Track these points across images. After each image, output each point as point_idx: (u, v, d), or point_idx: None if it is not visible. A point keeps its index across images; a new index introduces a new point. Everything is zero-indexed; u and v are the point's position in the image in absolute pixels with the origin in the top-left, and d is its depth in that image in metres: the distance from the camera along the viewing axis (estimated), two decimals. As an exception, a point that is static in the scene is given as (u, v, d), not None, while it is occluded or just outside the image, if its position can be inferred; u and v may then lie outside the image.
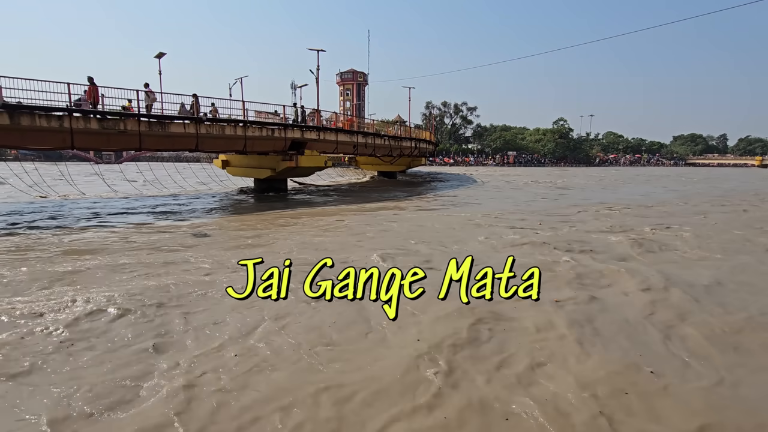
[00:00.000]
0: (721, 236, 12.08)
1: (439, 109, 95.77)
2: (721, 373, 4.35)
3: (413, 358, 4.48)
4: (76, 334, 5.17)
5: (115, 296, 6.42)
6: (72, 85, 16.57)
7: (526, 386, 4.00)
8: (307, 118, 28.24)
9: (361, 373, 4.18)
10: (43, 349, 4.77)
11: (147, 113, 18.63)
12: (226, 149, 23.79)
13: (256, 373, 4.21)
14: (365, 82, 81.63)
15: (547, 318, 5.59)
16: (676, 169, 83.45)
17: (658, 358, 4.62)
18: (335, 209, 18.48)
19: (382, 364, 4.36)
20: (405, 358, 4.48)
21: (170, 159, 54.43)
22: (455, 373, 4.19)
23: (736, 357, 4.76)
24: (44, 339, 5.02)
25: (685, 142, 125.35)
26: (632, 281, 7.39)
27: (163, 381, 4.09)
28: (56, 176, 28.20)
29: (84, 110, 16.95)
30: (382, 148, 33.48)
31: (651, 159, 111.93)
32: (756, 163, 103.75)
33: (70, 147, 17.52)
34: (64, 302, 6.19)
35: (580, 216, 16.23)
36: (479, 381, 4.08)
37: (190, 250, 9.98)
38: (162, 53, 24.06)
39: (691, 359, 4.64)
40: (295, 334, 5.10)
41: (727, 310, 6.14)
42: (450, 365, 4.33)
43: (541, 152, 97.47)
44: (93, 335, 5.16)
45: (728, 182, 41.57)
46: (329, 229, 13.02)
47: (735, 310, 6.14)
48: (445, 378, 4.09)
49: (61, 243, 10.81)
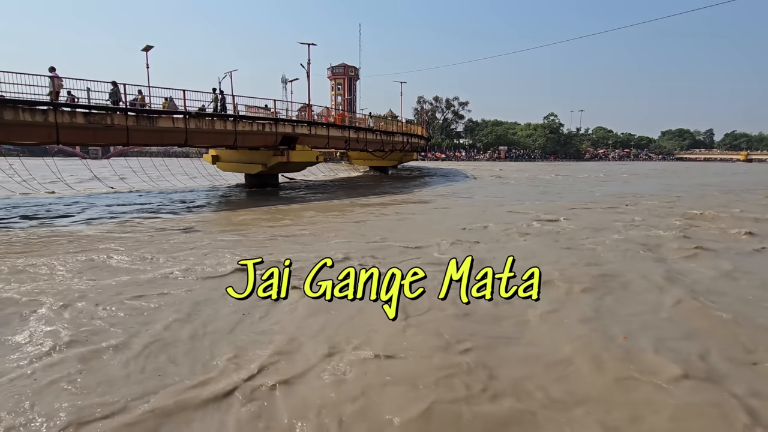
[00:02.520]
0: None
1: (430, 104, 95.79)
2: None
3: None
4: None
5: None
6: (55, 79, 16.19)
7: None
8: (298, 114, 27.97)
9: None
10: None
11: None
12: (216, 144, 23.45)
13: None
14: (357, 77, 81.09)
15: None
16: (662, 165, 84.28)
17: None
18: (328, 205, 18.37)
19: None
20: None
21: (158, 154, 53.70)
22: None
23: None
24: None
25: (673, 137, 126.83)
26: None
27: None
28: (41, 172, 27.60)
29: (70, 104, 16.58)
30: (373, 143, 33.33)
31: (640, 154, 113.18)
32: (741, 157, 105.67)
33: (56, 142, 17.12)
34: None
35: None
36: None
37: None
38: (149, 46, 23.56)
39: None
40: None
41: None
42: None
43: (532, 147, 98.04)
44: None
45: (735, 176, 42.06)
46: (326, 224, 12.94)
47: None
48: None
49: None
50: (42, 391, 3.85)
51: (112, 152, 64.44)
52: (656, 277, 7.40)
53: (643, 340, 4.85)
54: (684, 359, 4.42)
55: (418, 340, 4.69)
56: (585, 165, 74.53)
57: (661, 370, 4.16)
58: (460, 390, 3.80)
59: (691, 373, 4.13)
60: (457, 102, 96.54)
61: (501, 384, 3.90)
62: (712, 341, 4.94)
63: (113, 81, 18.13)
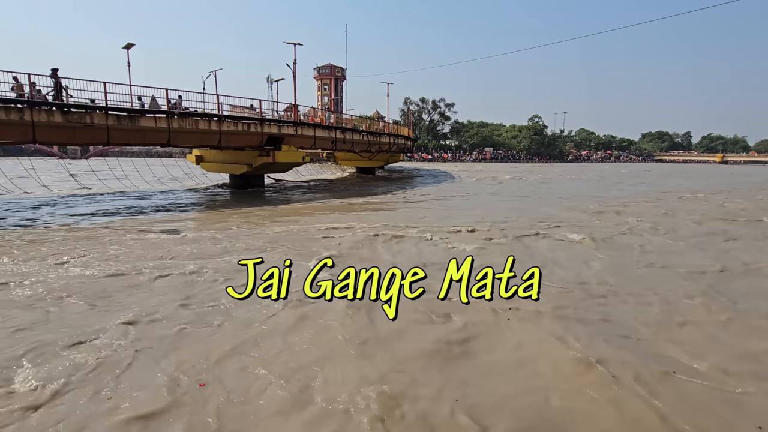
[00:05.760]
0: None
1: (417, 105, 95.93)
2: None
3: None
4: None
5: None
6: (33, 76, 15.67)
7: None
8: (284, 114, 27.61)
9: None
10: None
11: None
12: (200, 144, 23.01)
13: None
14: (343, 77, 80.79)
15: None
16: (641, 167, 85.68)
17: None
18: (313, 206, 18.15)
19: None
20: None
21: (141, 154, 52.66)
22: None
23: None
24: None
25: (652, 140, 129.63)
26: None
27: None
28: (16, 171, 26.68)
29: (47, 102, 16.03)
30: (360, 143, 33.19)
31: (621, 156, 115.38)
32: (717, 159, 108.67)
33: (32, 141, 16.53)
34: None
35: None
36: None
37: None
38: (131, 44, 23.03)
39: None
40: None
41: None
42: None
43: (517, 148, 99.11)
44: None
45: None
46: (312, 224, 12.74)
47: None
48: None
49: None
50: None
51: (91, 152, 62.82)
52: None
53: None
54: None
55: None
56: (568, 167, 75.56)
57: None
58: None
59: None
60: (443, 103, 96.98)
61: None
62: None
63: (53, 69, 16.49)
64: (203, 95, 22.07)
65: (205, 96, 22.64)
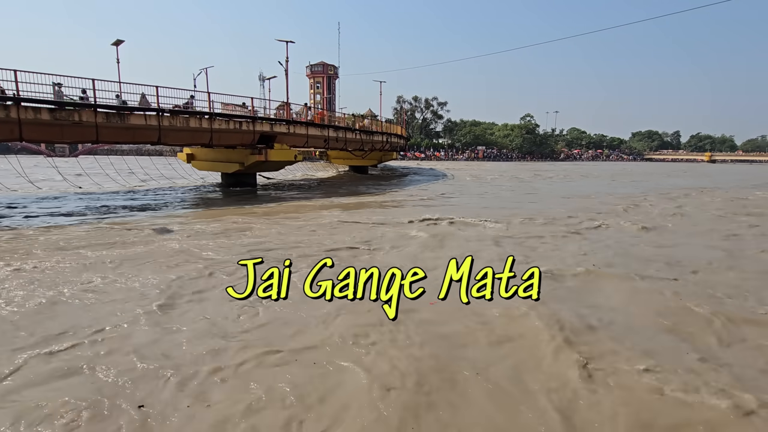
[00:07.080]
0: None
1: (410, 104, 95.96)
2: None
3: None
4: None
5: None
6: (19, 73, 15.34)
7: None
8: (277, 112, 27.38)
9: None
10: None
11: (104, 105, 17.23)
12: (191, 142, 22.74)
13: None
14: (336, 75, 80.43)
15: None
16: (630, 166, 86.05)
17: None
18: (306, 204, 18.02)
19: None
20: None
21: (130, 152, 52.06)
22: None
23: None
24: None
25: (642, 139, 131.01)
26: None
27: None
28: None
29: (34, 99, 15.73)
30: (353, 142, 33.05)
31: (611, 154, 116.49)
32: (705, 158, 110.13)
33: (19, 139, 16.20)
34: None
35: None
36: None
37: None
38: (120, 40, 22.70)
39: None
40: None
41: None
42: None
43: (509, 147, 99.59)
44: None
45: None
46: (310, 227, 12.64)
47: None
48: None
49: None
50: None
51: (80, 150, 61.90)
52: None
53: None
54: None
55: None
56: (561, 165, 76.04)
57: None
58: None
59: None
60: (436, 102, 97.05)
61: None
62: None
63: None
64: (194, 93, 21.83)
65: (197, 93, 22.36)
